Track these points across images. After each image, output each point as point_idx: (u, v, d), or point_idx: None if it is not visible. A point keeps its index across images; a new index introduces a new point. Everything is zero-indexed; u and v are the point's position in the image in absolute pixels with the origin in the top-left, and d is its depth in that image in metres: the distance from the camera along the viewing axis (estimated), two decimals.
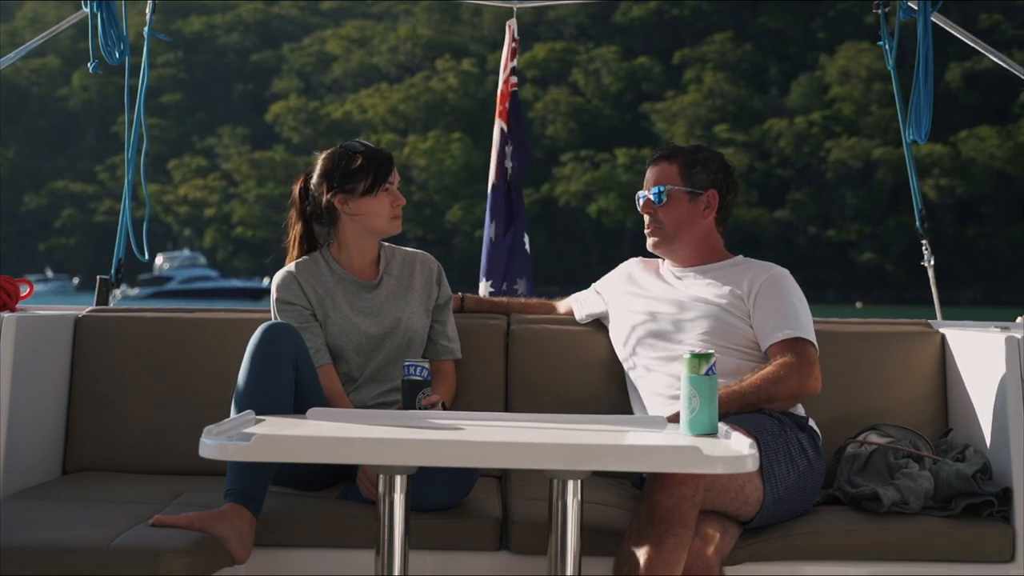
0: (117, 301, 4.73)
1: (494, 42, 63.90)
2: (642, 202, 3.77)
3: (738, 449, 2.63)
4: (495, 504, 3.46)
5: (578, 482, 2.77)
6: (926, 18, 4.51)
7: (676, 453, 2.61)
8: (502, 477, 3.79)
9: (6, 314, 3.60)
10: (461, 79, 67.45)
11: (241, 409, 3.13)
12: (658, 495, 3.04)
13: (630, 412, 3.74)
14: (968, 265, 53.39)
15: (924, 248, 4.87)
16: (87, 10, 4.54)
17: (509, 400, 3.97)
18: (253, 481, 3.17)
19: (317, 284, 3.72)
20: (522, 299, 4.38)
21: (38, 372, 3.75)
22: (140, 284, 53.72)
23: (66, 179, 68.05)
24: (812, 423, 3.53)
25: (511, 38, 5.57)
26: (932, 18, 4.55)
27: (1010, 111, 57.94)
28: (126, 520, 3.08)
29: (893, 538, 3.32)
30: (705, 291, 3.66)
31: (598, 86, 67.32)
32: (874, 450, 3.58)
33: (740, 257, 3.77)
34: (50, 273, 61.83)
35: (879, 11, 4.78)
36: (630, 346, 3.76)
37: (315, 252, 3.80)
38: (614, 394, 3.86)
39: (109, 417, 3.91)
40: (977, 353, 3.76)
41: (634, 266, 3.93)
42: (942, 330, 4.04)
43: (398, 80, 70.04)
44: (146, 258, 4.72)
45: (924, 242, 4.87)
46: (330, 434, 2.80)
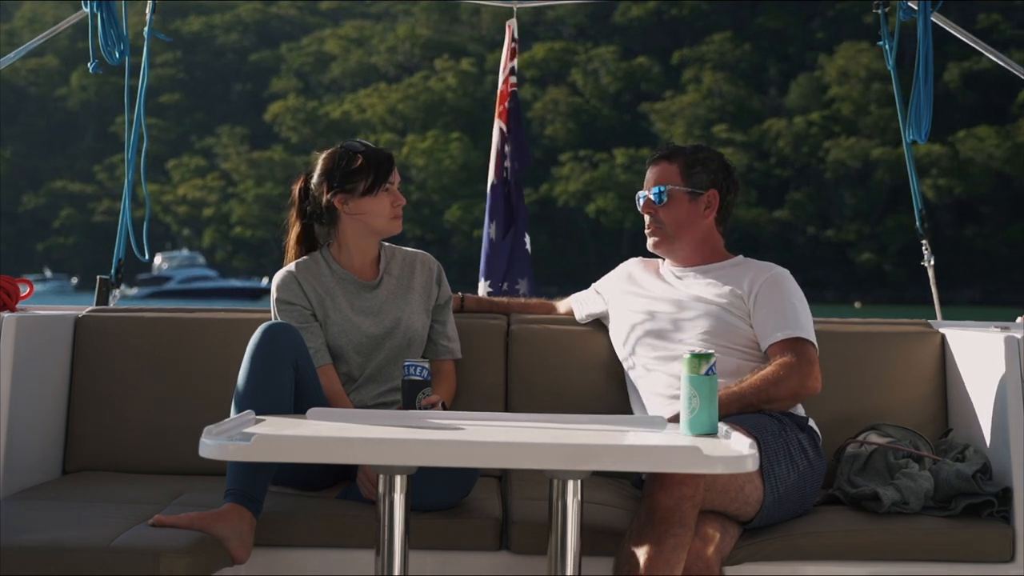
0: (117, 301, 4.73)
1: (493, 42, 63.91)
2: (642, 202, 3.77)
3: (738, 449, 2.63)
4: (495, 504, 3.46)
5: (578, 482, 2.77)
6: (926, 18, 4.51)
7: (676, 453, 2.61)
8: (502, 477, 3.79)
9: (6, 314, 3.60)
10: (460, 79, 67.40)
11: (241, 409, 3.13)
12: (658, 495, 3.04)
13: (630, 412, 3.74)
14: (966, 265, 53.38)
15: (924, 248, 4.87)
16: (87, 10, 4.54)
17: (509, 400, 3.97)
18: (253, 481, 3.17)
19: (317, 284, 3.71)
20: (522, 299, 4.38)
21: (38, 372, 3.75)
22: (139, 284, 53.68)
23: (64, 179, 67.99)
24: (812, 423, 3.53)
25: (511, 38, 5.57)
26: (932, 18, 4.56)
27: (1008, 111, 57.94)
28: (126, 520, 3.08)
29: (893, 538, 3.32)
30: (705, 291, 3.66)
31: (597, 86, 67.28)
32: (874, 450, 3.58)
33: (740, 257, 3.77)
34: (48, 273, 61.77)
35: (879, 11, 4.79)
36: (630, 346, 3.75)
37: (315, 252, 3.80)
38: (614, 394, 3.86)
39: (109, 417, 3.91)
40: (977, 353, 3.76)
41: (634, 266, 3.93)
42: (942, 330, 4.04)
43: (397, 80, 69.99)
44: (146, 258, 4.72)
45: (924, 242, 4.87)
46: (330, 434, 2.80)
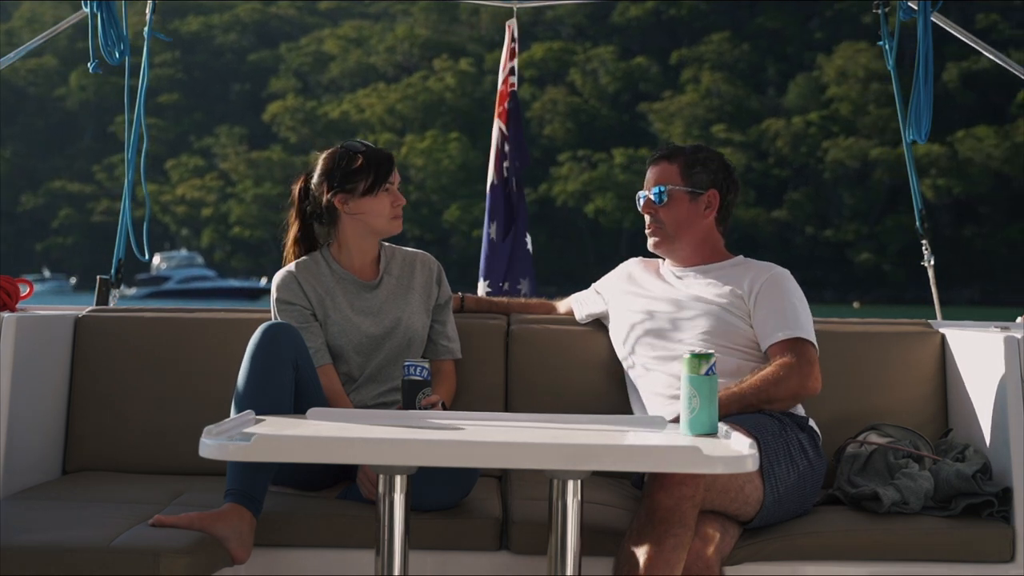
0: (119, 301, 4.73)
1: (492, 42, 63.92)
2: (642, 202, 3.77)
3: (738, 449, 2.63)
4: (495, 504, 3.46)
5: (578, 482, 2.77)
6: (926, 18, 4.51)
7: (676, 453, 2.61)
8: (502, 477, 3.79)
9: (6, 314, 3.60)
10: (459, 79, 67.38)
11: (241, 409, 3.13)
12: (658, 495, 3.04)
13: (630, 412, 3.74)
14: (965, 265, 53.38)
15: (924, 248, 4.86)
16: (87, 10, 4.53)
17: (509, 400, 3.97)
18: (253, 481, 3.17)
19: (317, 284, 3.71)
20: (522, 299, 4.39)
21: (38, 372, 3.75)
22: (137, 284, 53.69)
23: (63, 179, 67.97)
24: (812, 423, 3.53)
25: (511, 38, 5.57)
26: (931, 18, 4.56)
27: (1007, 111, 57.96)
28: (126, 520, 3.08)
29: (893, 538, 3.32)
30: (705, 291, 3.66)
31: (595, 86, 67.27)
32: (874, 450, 3.58)
33: (740, 257, 3.77)
34: (47, 273, 61.78)
35: (879, 11, 4.78)
36: (629, 345, 3.75)
37: (315, 252, 3.80)
38: (614, 394, 3.86)
39: (109, 417, 3.91)
40: (977, 353, 3.76)
41: (634, 266, 3.93)
42: (942, 330, 4.04)
43: (395, 80, 69.97)
44: (147, 258, 4.72)
45: (924, 242, 4.87)
46: (330, 434, 2.80)
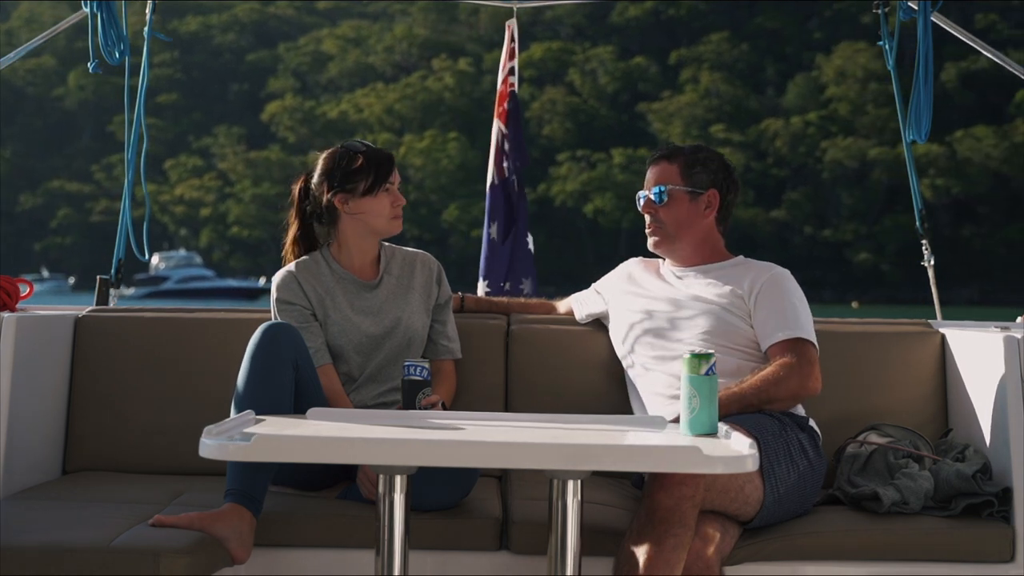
0: (118, 302, 4.73)
1: (490, 41, 63.94)
2: (643, 202, 3.76)
3: (738, 449, 2.63)
4: (495, 504, 3.46)
5: (578, 482, 2.76)
6: (926, 18, 4.50)
7: (676, 453, 2.61)
8: (502, 477, 3.78)
9: (6, 314, 3.60)
10: (457, 79, 67.43)
11: (241, 409, 3.13)
12: (658, 495, 3.04)
13: (630, 412, 3.73)
14: (964, 265, 53.41)
15: (924, 248, 4.86)
16: (87, 10, 4.53)
17: (509, 400, 3.97)
18: (253, 481, 3.17)
19: (317, 284, 3.71)
20: (522, 299, 4.38)
21: (38, 372, 3.74)
22: (136, 284, 53.69)
23: (62, 179, 68.01)
24: (812, 423, 3.53)
25: (510, 38, 5.56)
26: (931, 18, 4.56)
27: (1006, 111, 58.02)
28: (126, 520, 3.07)
29: (893, 538, 3.32)
30: (706, 291, 3.66)
31: (594, 86, 67.31)
32: (874, 450, 3.58)
33: (741, 257, 3.77)
34: (46, 273, 61.78)
35: (879, 11, 4.78)
36: (629, 345, 3.75)
37: (315, 252, 3.79)
38: (614, 394, 3.85)
39: (109, 417, 3.90)
40: (977, 353, 3.76)
41: (634, 266, 3.93)
42: (942, 330, 4.04)
43: (394, 80, 70.01)
44: (146, 258, 4.72)
45: (924, 242, 4.86)
46: (330, 434, 2.80)
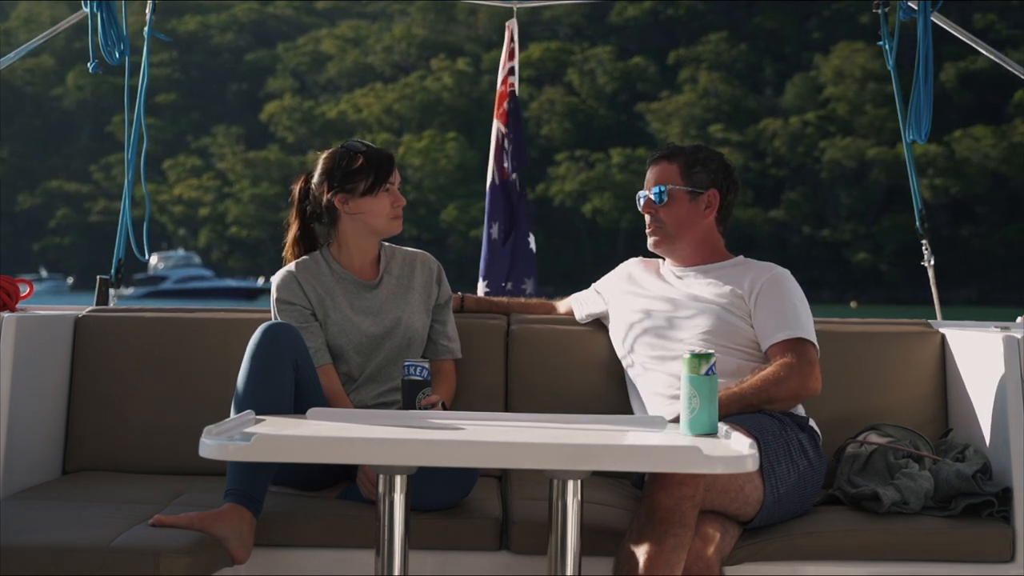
0: (118, 302, 4.73)
1: (489, 41, 63.95)
2: (643, 202, 3.76)
3: (738, 449, 2.63)
4: (495, 504, 3.46)
5: (578, 482, 2.76)
6: (926, 18, 4.50)
7: (676, 453, 2.60)
8: (502, 477, 3.78)
9: (6, 314, 3.59)
10: (456, 78, 67.44)
11: (241, 409, 3.13)
12: (658, 495, 3.04)
13: (630, 412, 3.73)
14: (963, 265, 53.43)
15: (924, 248, 4.86)
16: (87, 10, 4.52)
17: (509, 400, 3.97)
18: (253, 481, 3.17)
19: (317, 284, 3.71)
20: (522, 299, 4.37)
21: (38, 372, 3.74)
22: (134, 284, 53.68)
23: (60, 179, 68.00)
24: (812, 423, 3.53)
25: (510, 39, 5.55)
26: (931, 18, 4.56)
27: (1004, 111, 58.04)
28: (126, 520, 3.07)
29: (893, 538, 3.32)
30: (706, 291, 3.66)
31: (593, 86, 67.33)
32: (874, 450, 3.58)
33: (741, 257, 3.77)
34: (44, 273, 61.79)
35: (879, 11, 4.78)
36: (629, 345, 3.75)
37: (315, 252, 3.79)
38: (614, 394, 3.85)
39: (109, 417, 3.90)
40: (977, 353, 3.76)
41: (634, 266, 3.93)
42: (942, 330, 4.03)
43: (393, 80, 70.02)
44: (146, 258, 4.72)
45: (924, 242, 4.86)
46: (330, 434, 2.80)
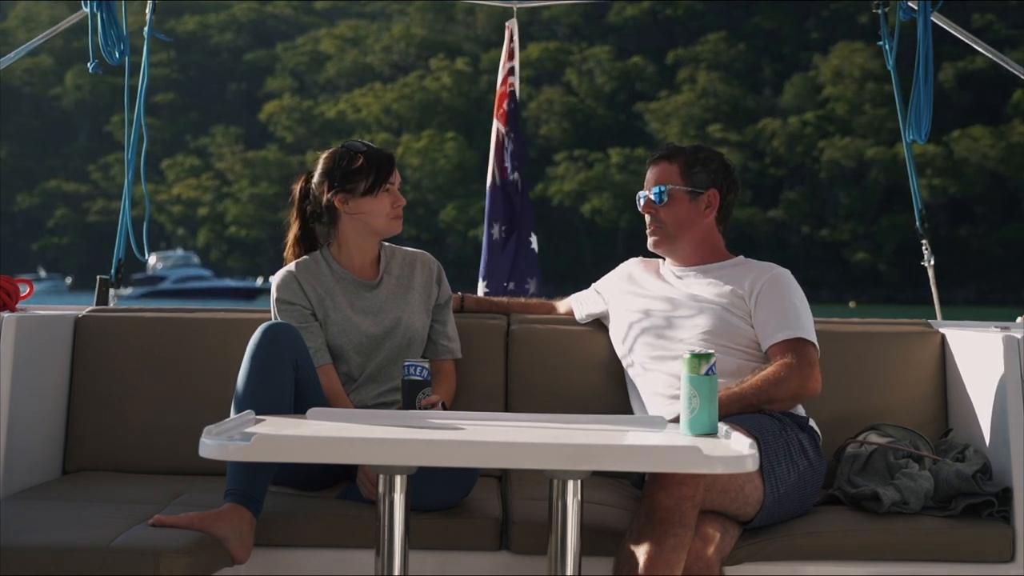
0: (117, 302, 4.73)
1: (488, 41, 63.96)
2: (643, 202, 3.76)
3: (738, 449, 2.63)
4: (495, 504, 3.46)
5: (578, 482, 2.76)
6: (926, 18, 4.50)
7: (676, 453, 2.60)
8: (502, 477, 3.79)
9: (6, 314, 3.60)
10: (455, 78, 67.42)
11: (241, 409, 3.13)
12: (658, 495, 3.04)
13: (630, 412, 3.73)
14: (961, 265, 53.43)
15: (924, 248, 4.86)
16: (87, 10, 4.52)
17: (509, 400, 3.97)
18: (253, 481, 3.17)
19: (317, 284, 3.71)
20: (522, 299, 4.37)
21: (38, 372, 3.74)
22: (133, 284, 53.63)
23: (59, 179, 67.97)
24: (812, 423, 3.53)
25: (510, 39, 5.55)
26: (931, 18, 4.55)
27: (1003, 111, 58.05)
28: (126, 520, 3.07)
29: (893, 538, 3.32)
30: (706, 290, 3.66)
31: (592, 86, 67.32)
32: (874, 450, 3.58)
33: (741, 257, 3.77)
34: (43, 273, 61.75)
35: (879, 11, 4.78)
36: (629, 345, 3.75)
37: (315, 252, 3.79)
38: (614, 394, 3.85)
39: (109, 417, 3.90)
40: (977, 353, 3.76)
41: (634, 266, 3.93)
42: (942, 330, 4.04)
43: (392, 79, 70.00)
44: (146, 258, 4.72)
45: (924, 242, 4.86)
46: (330, 434, 2.80)
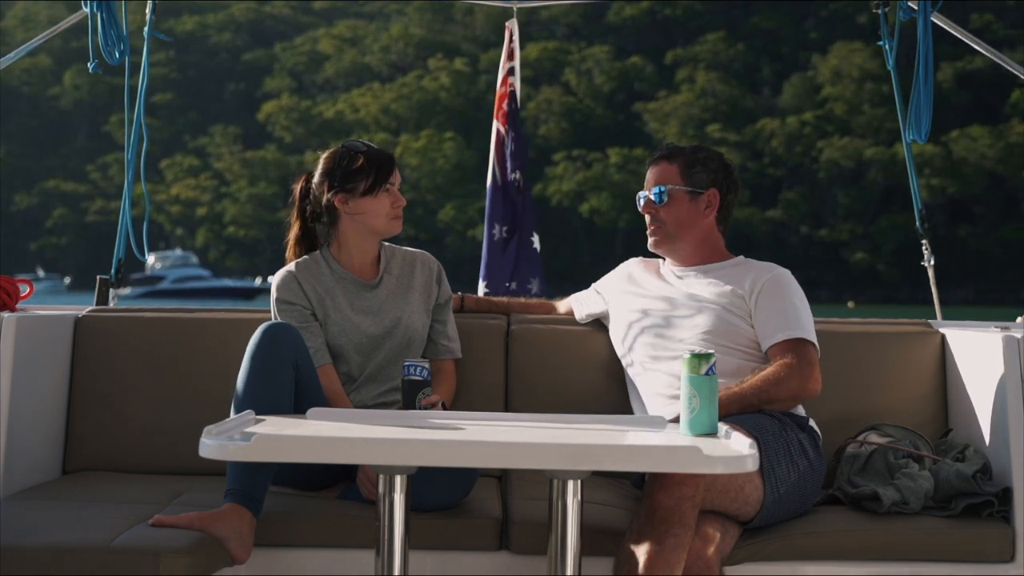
0: (117, 302, 4.72)
1: (486, 41, 63.98)
2: (643, 202, 3.76)
3: (738, 449, 2.63)
4: (495, 504, 3.46)
5: (578, 482, 2.76)
6: (926, 18, 4.50)
7: (676, 453, 2.60)
8: (502, 477, 3.78)
9: (6, 314, 3.59)
10: (453, 78, 67.45)
11: (241, 409, 3.13)
12: (658, 495, 3.04)
13: (630, 412, 3.73)
14: (960, 265, 53.47)
15: (924, 248, 4.86)
16: (87, 10, 4.51)
17: (509, 400, 3.96)
18: (253, 481, 3.17)
19: (317, 284, 3.71)
20: (522, 299, 4.37)
21: (38, 372, 3.74)
22: (132, 284, 53.63)
23: (57, 178, 67.99)
24: (812, 423, 3.53)
25: (510, 39, 5.54)
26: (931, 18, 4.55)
27: (1001, 111, 58.09)
28: (126, 520, 3.07)
29: (893, 538, 3.32)
30: (706, 290, 3.66)
31: (590, 86, 67.35)
32: (874, 450, 3.58)
33: (741, 257, 3.77)
34: (41, 273, 61.75)
35: (879, 11, 4.77)
36: (628, 344, 3.75)
37: (315, 252, 3.79)
38: (614, 394, 3.85)
39: (109, 417, 3.90)
40: (977, 353, 3.76)
41: (634, 266, 3.93)
42: (942, 330, 4.03)
43: (390, 79, 70.03)
44: (145, 258, 4.71)
45: (924, 242, 4.86)
46: (330, 434, 2.79)
